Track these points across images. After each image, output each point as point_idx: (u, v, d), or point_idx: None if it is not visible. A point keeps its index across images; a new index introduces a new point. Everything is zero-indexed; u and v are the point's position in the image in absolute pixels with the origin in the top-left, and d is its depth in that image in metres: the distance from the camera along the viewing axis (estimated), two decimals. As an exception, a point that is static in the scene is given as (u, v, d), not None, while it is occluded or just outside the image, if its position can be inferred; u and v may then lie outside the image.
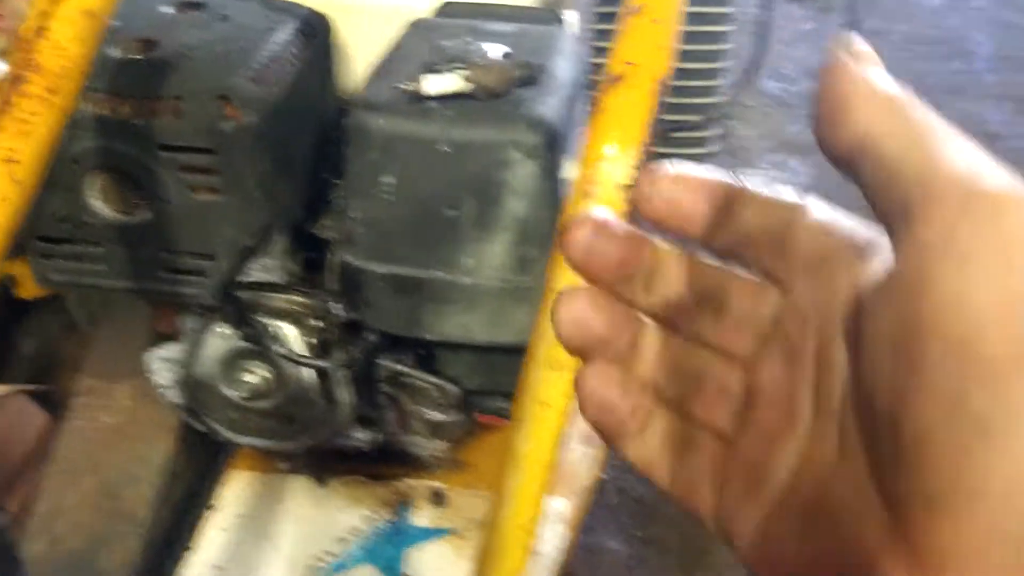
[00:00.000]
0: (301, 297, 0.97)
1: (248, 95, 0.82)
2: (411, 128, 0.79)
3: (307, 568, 1.23)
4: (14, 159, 0.61)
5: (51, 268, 0.89)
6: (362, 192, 0.83)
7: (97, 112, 0.81)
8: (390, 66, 0.88)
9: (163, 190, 0.83)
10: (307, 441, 1.05)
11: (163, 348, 1.06)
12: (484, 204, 0.81)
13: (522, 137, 0.78)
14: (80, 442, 1.21)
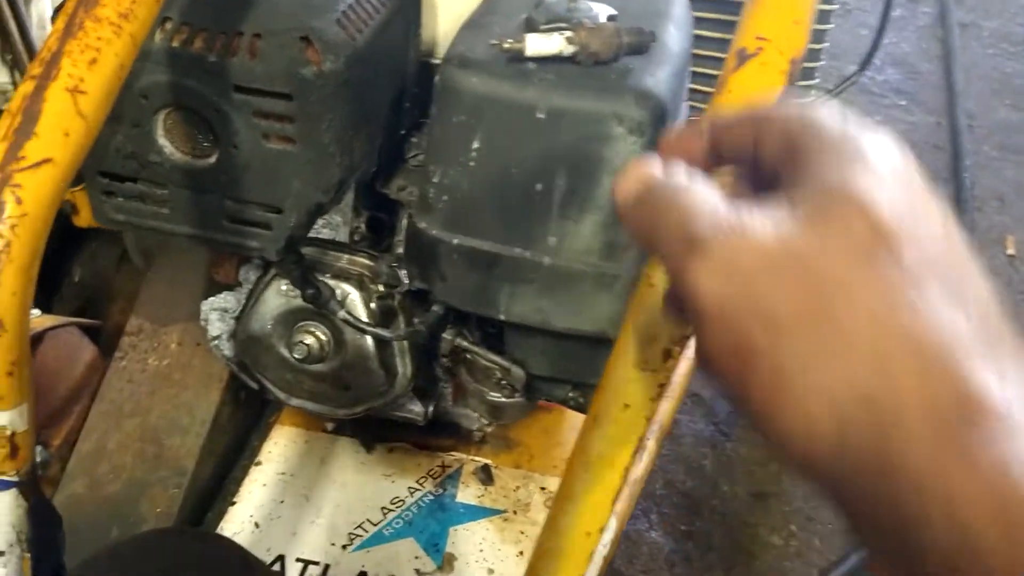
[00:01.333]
0: (367, 259, 0.92)
1: (332, 39, 0.76)
2: (506, 90, 0.73)
3: (347, 535, 1.19)
4: (80, 89, 0.56)
5: (111, 207, 0.84)
6: (445, 156, 0.77)
7: (170, 44, 0.75)
8: (486, 20, 0.81)
9: (234, 135, 0.77)
10: (359, 409, 1.00)
11: (219, 298, 1.01)
12: (577, 180, 0.74)
13: (627, 110, 0.71)
14: (126, 384, 1.17)
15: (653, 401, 0.69)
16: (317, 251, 0.91)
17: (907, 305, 0.26)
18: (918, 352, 0.26)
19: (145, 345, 1.18)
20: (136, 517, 1.09)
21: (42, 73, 0.55)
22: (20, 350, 0.54)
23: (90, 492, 1.10)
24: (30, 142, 0.54)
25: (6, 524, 0.58)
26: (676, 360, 0.68)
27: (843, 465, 0.26)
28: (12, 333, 0.53)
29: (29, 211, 0.53)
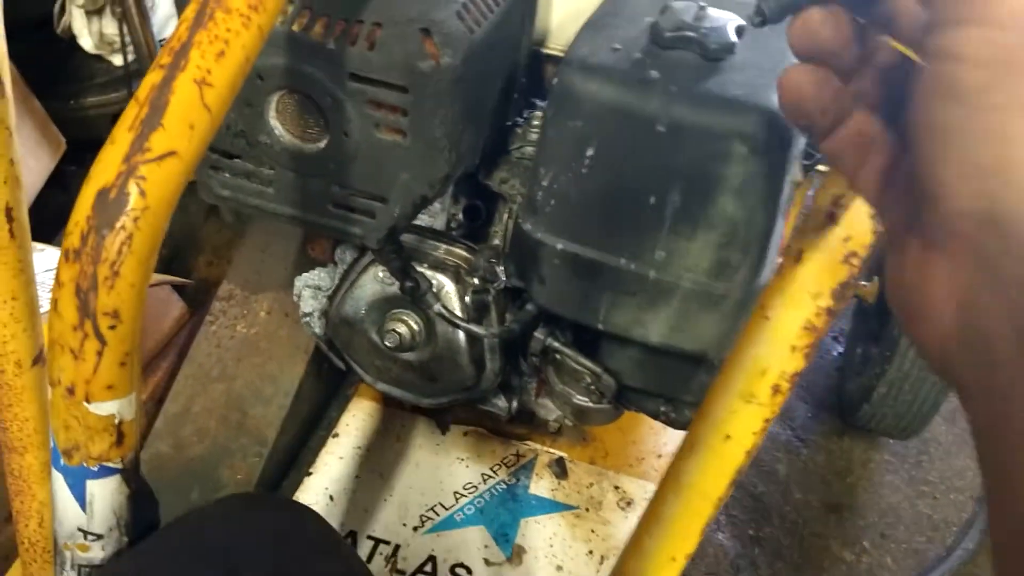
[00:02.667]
0: (465, 252, 0.91)
1: (451, 32, 0.74)
2: (628, 100, 0.70)
3: (418, 516, 1.19)
4: (207, 82, 0.55)
5: (217, 182, 0.84)
6: (557, 160, 0.75)
7: (290, 28, 0.74)
8: (608, 21, 0.78)
9: (346, 122, 0.76)
10: (445, 400, 0.99)
11: (312, 274, 1.02)
12: (692, 195, 0.71)
13: (751, 129, 0.68)
14: (215, 348, 1.19)
15: (756, 435, 0.67)
16: (415, 239, 0.90)
17: None
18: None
19: (235, 311, 1.20)
20: (216, 482, 1.11)
21: (171, 63, 0.55)
22: (134, 341, 0.54)
23: (175, 453, 1.12)
24: (156, 133, 0.53)
25: (107, 509, 0.58)
26: (784, 395, 0.66)
27: None
28: (128, 325, 0.53)
29: (151, 204, 0.53)
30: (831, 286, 0.60)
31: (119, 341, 0.53)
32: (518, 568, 1.16)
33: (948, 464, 1.77)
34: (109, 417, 0.55)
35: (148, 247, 0.53)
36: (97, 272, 0.52)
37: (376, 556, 1.15)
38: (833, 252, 0.59)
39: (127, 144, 0.53)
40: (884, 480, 1.76)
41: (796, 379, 0.66)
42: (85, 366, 0.53)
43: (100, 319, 0.52)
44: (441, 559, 1.15)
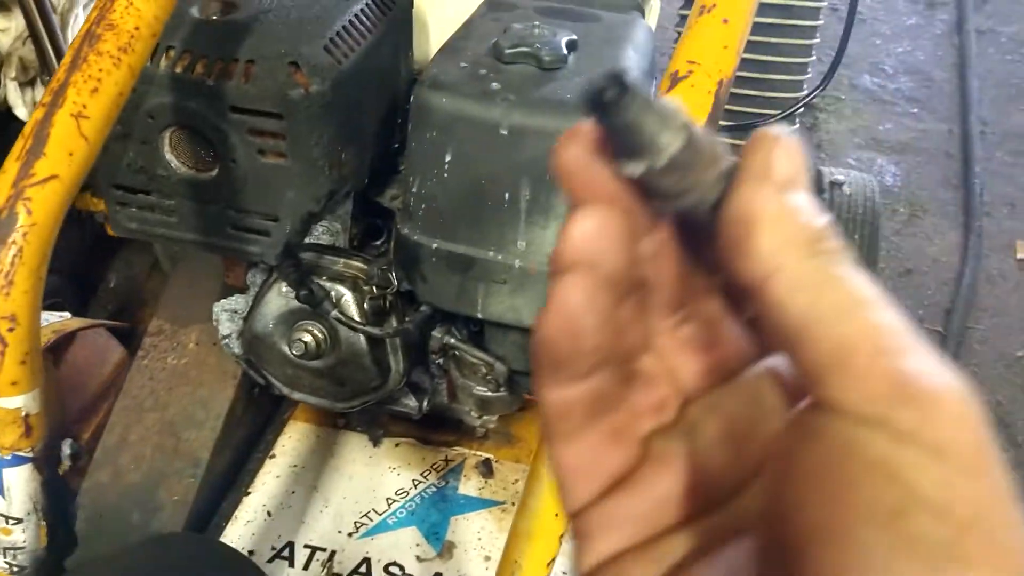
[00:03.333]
0: (360, 263, 0.99)
1: (318, 63, 0.84)
2: (473, 109, 0.80)
3: (352, 523, 1.26)
4: (83, 115, 0.64)
5: (125, 216, 0.93)
6: (421, 168, 0.85)
7: (173, 70, 0.83)
8: (460, 44, 0.88)
9: (232, 150, 0.86)
10: (356, 403, 1.07)
11: (229, 300, 1.10)
12: (540, 189, 0.81)
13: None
14: (147, 381, 1.26)
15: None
16: (315, 255, 0.99)
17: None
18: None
19: (165, 345, 1.27)
20: (154, 504, 1.18)
21: (51, 101, 0.64)
22: (32, 342, 0.62)
23: (113, 481, 1.18)
24: (39, 161, 0.62)
25: (23, 495, 0.66)
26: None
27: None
28: (24, 327, 0.62)
29: (38, 220, 0.61)
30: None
31: (18, 342, 0.61)
32: (448, 562, 1.23)
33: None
34: (16, 411, 0.63)
35: (38, 258, 0.62)
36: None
37: (313, 563, 1.22)
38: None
39: (15, 171, 0.62)
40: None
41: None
42: (-9, 365, 0.61)
43: (0, 323, 0.60)
44: (375, 560, 1.22)
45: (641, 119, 0.25)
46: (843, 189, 1.57)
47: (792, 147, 0.26)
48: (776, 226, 0.24)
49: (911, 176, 2.39)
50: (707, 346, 0.29)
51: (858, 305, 0.23)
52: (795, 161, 0.25)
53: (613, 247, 0.26)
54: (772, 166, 0.25)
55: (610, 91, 0.25)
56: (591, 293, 0.26)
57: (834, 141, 2.49)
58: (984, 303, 2.05)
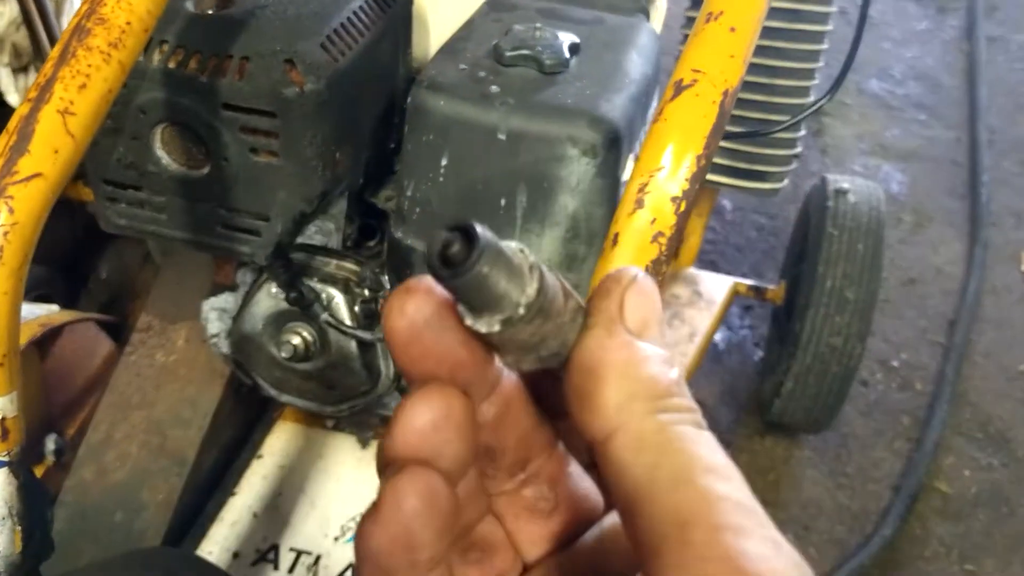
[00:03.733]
0: (352, 264, 0.97)
1: (313, 61, 0.81)
2: (470, 113, 0.78)
3: (339, 527, 1.25)
4: (70, 111, 0.62)
5: (114, 212, 0.91)
6: (416, 170, 0.83)
7: (166, 65, 0.81)
8: (459, 46, 0.86)
9: (224, 148, 0.83)
10: (345, 407, 1.06)
11: (218, 298, 1.08)
12: (536, 196, 0.79)
13: (581, 133, 0.76)
14: (134, 377, 1.24)
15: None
16: (306, 256, 0.97)
17: None
18: None
19: (154, 341, 1.25)
20: (138, 503, 1.16)
21: (37, 96, 0.62)
22: (10, 344, 0.60)
23: (97, 479, 1.17)
24: (23, 158, 0.60)
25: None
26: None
27: None
28: (3, 328, 0.60)
29: (20, 220, 0.59)
30: (644, 263, 0.68)
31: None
32: (436, 569, 1.22)
33: (865, 456, 1.85)
34: (-9, 414, 0.61)
35: (18, 258, 0.60)
36: (-29, 282, 0.58)
37: (298, 566, 1.20)
38: (643, 234, 0.67)
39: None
40: (805, 475, 1.84)
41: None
42: (-35, 368, 0.59)
43: (-24, 324, 0.58)
44: (362, 565, 1.21)
45: (493, 271, 0.23)
46: (848, 197, 1.55)
47: (645, 290, 0.24)
48: (622, 379, 0.23)
49: (917, 184, 2.37)
50: (549, 510, 0.27)
51: (700, 472, 0.21)
52: (648, 306, 0.24)
53: (455, 437, 0.23)
54: (623, 311, 0.24)
55: (456, 246, 0.23)
56: (430, 496, 0.23)
57: (840, 147, 2.47)
58: (988, 315, 2.04)
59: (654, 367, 0.23)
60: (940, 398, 1.87)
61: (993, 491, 1.79)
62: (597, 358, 0.23)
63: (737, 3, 0.69)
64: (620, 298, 0.24)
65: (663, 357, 0.24)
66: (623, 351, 0.23)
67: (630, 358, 0.23)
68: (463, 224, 0.23)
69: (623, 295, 0.24)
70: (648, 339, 0.24)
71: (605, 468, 0.23)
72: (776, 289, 1.77)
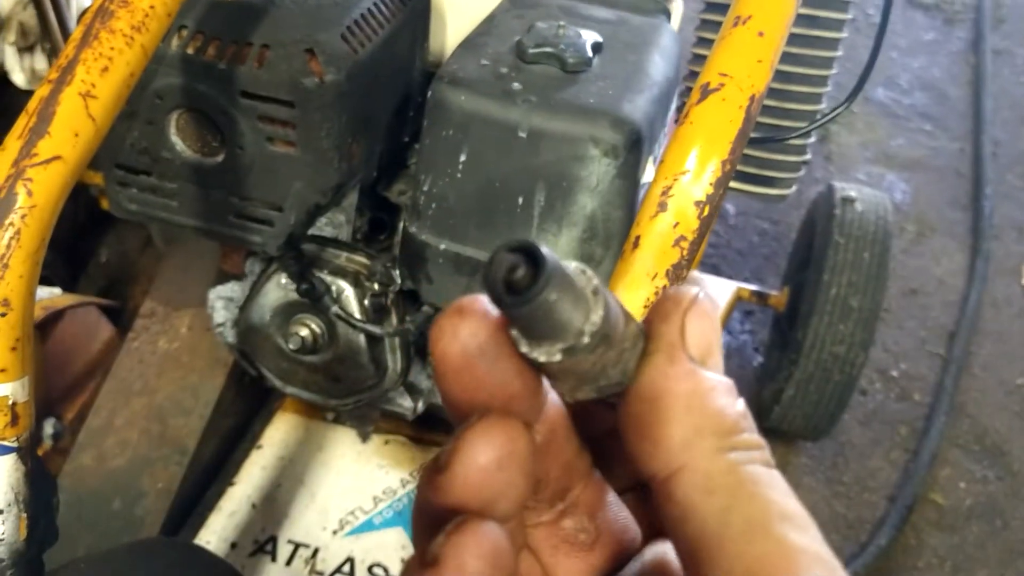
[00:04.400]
0: (363, 258, 0.97)
1: (334, 52, 0.81)
2: (492, 109, 0.77)
3: (338, 520, 1.24)
4: (92, 94, 0.61)
5: (126, 197, 0.90)
6: (434, 165, 0.82)
7: (184, 50, 0.81)
8: (481, 40, 0.85)
9: (240, 136, 0.83)
10: (350, 401, 1.05)
11: (224, 287, 1.07)
12: (555, 195, 0.79)
13: (603, 134, 0.75)
14: (137, 364, 1.23)
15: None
16: (317, 248, 0.96)
17: None
18: None
19: (157, 328, 1.24)
20: (137, 491, 1.15)
21: (58, 78, 0.61)
22: (24, 328, 0.60)
23: (96, 465, 1.16)
24: (43, 140, 0.59)
25: (5, 486, 0.63)
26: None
27: None
28: (17, 312, 0.59)
29: (38, 203, 0.58)
30: (666, 267, 0.67)
31: (10, 327, 0.58)
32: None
33: (862, 465, 1.85)
34: (3, 399, 0.60)
35: (35, 242, 0.59)
36: (-13, 264, 0.57)
37: (296, 559, 1.20)
38: (665, 237, 0.66)
39: (16, 150, 0.59)
40: (802, 482, 1.83)
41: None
42: (-22, 351, 0.58)
43: (-9, 307, 0.58)
44: (359, 560, 1.20)
45: (561, 298, 0.21)
46: (855, 206, 1.55)
47: (706, 312, 0.23)
48: (688, 412, 0.21)
49: (920, 194, 2.37)
50: (590, 543, 0.26)
51: (776, 520, 0.20)
52: (709, 330, 0.23)
53: (519, 478, 0.22)
54: (684, 336, 0.22)
55: (521, 271, 0.21)
56: (494, 558, 0.21)
57: (845, 154, 2.47)
58: (987, 328, 2.04)
59: (721, 399, 0.22)
60: (938, 409, 1.87)
61: (988, 504, 1.79)
62: (660, 388, 0.22)
63: (766, 7, 0.69)
64: (681, 321, 0.23)
65: (728, 387, 0.22)
66: (687, 381, 0.22)
67: (695, 388, 0.22)
68: (527, 245, 0.21)
69: (684, 318, 0.23)
70: (711, 367, 0.22)
71: (666, 507, 0.22)
72: (779, 295, 1.77)
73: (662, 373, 0.22)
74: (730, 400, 0.22)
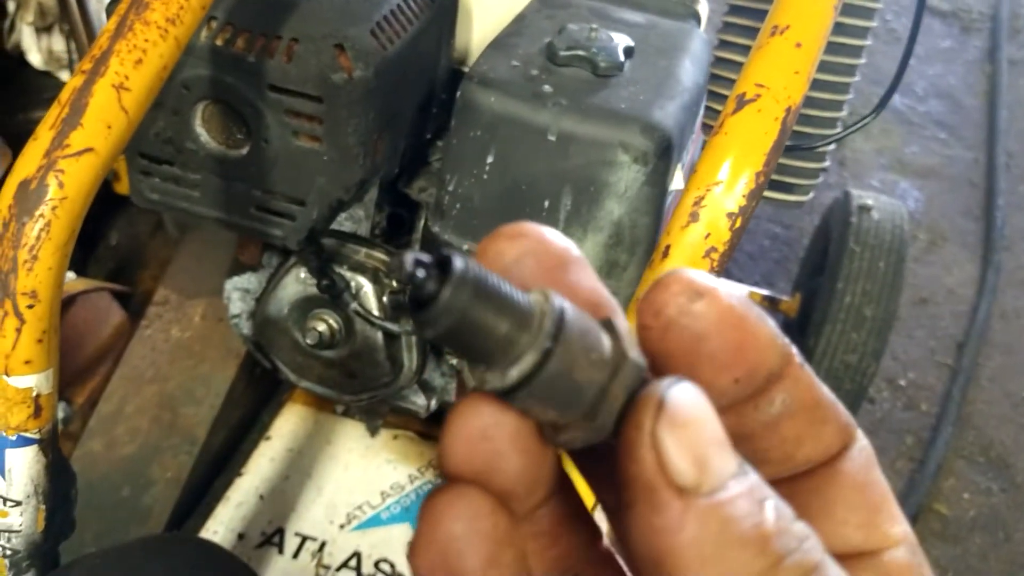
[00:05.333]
0: (382, 254, 0.96)
1: (363, 47, 0.80)
2: (521, 111, 0.77)
3: (345, 514, 1.24)
4: (125, 87, 0.61)
5: (148, 186, 0.89)
6: (460, 166, 0.81)
7: (213, 42, 0.80)
8: (511, 41, 0.85)
9: (266, 130, 0.82)
10: (364, 397, 1.04)
11: (241, 278, 1.07)
12: (582, 200, 0.78)
13: (633, 140, 0.75)
14: (149, 351, 1.23)
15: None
16: (337, 243, 0.96)
17: None
18: None
19: (170, 316, 1.24)
20: (146, 479, 1.15)
21: (91, 69, 0.60)
22: (51, 320, 0.59)
23: (106, 452, 1.16)
24: (75, 132, 0.59)
25: (25, 477, 0.63)
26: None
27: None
28: (45, 304, 0.58)
29: (69, 195, 0.58)
30: (695, 279, 0.67)
31: (37, 319, 0.58)
32: (441, 563, 1.21)
33: (867, 473, 1.84)
34: (27, 390, 0.60)
35: (65, 234, 0.58)
36: (17, 256, 0.57)
37: (303, 552, 1.19)
38: (695, 248, 0.66)
39: (48, 140, 0.58)
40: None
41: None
42: (5, 342, 0.58)
43: (19, 299, 0.57)
44: (366, 555, 1.20)
45: (473, 304, 0.19)
46: (871, 214, 1.54)
47: (682, 417, 0.18)
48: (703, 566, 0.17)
49: (933, 203, 2.36)
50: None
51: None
52: (695, 436, 0.18)
53: None
54: (664, 465, 0.18)
55: (430, 281, 0.19)
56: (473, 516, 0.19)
57: (859, 160, 2.46)
58: (996, 339, 2.03)
59: (743, 526, 0.17)
60: (945, 420, 1.87)
61: (991, 515, 1.79)
62: (655, 551, 0.17)
63: (805, 17, 0.68)
64: (652, 449, 0.18)
65: (750, 498, 0.18)
66: (687, 528, 0.17)
67: (700, 534, 0.17)
68: (437, 255, 0.19)
69: (653, 440, 0.18)
70: (713, 482, 0.18)
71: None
72: (790, 301, 1.76)
73: (650, 531, 0.18)
74: (755, 516, 0.18)
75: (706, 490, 0.18)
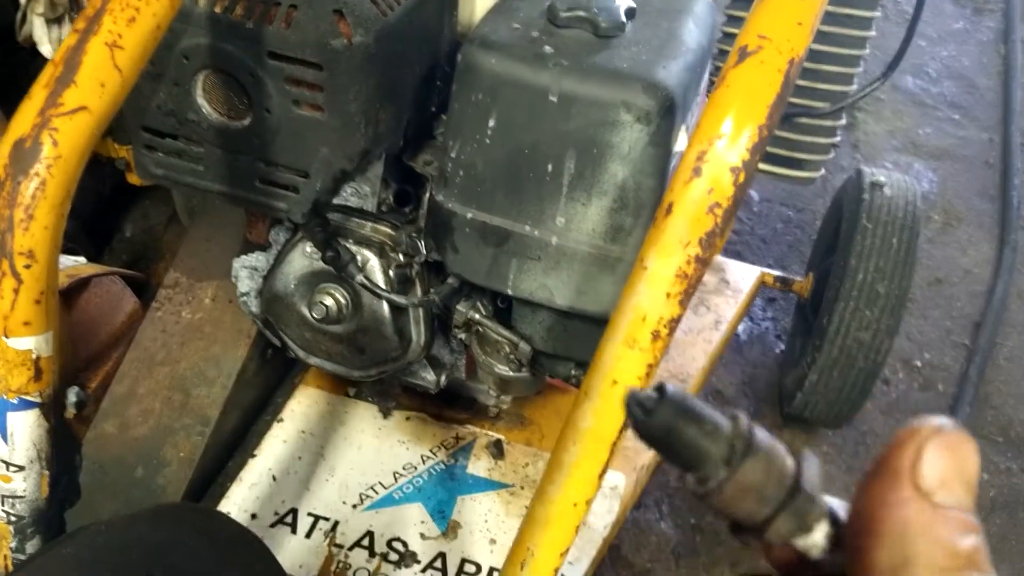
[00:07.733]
0: (389, 228, 0.96)
1: (363, 13, 0.80)
2: (522, 73, 0.76)
3: (358, 495, 1.23)
4: (118, 45, 0.60)
5: (152, 161, 0.89)
6: (463, 132, 0.81)
7: (212, 9, 0.80)
8: (514, 5, 0.84)
9: (267, 99, 0.82)
10: (373, 372, 1.04)
11: (249, 256, 1.06)
12: (585, 163, 0.77)
13: (636, 99, 0.74)
14: (160, 333, 1.23)
15: (641, 380, 0.72)
16: (342, 217, 0.95)
17: None
18: None
19: (180, 298, 1.24)
20: (159, 460, 1.15)
21: (85, 28, 0.60)
22: (48, 281, 0.59)
23: (119, 433, 1.16)
24: (68, 90, 0.58)
25: (28, 442, 0.63)
26: (664, 341, 0.71)
27: None
28: (42, 264, 0.58)
29: (63, 153, 0.58)
30: (699, 235, 0.66)
31: (34, 279, 0.58)
32: (453, 542, 1.20)
33: (884, 454, 1.83)
34: (26, 352, 0.59)
35: (61, 193, 0.58)
36: (13, 215, 0.57)
37: (315, 531, 1.19)
38: (699, 204, 0.65)
39: (42, 99, 0.58)
40: (823, 470, 1.81)
41: (674, 325, 0.71)
42: (3, 303, 0.58)
43: (16, 259, 0.57)
44: (378, 534, 1.20)
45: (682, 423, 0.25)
46: (884, 191, 1.52)
47: (950, 444, 0.22)
48: (900, 540, 0.21)
49: (948, 183, 2.34)
50: None
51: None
52: (952, 463, 0.22)
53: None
54: (918, 465, 0.22)
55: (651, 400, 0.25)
56: None
57: (872, 142, 2.44)
58: (1014, 319, 2.01)
59: (943, 531, 0.21)
60: (962, 400, 1.85)
61: (1011, 496, 1.76)
62: (873, 512, 0.22)
63: (807, -31, 0.67)
64: (914, 450, 0.22)
65: (961, 522, 0.21)
66: (904, 509, 0.22)
67: (912, 518, 0.21)
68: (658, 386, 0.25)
69: (920, 447, 0.22)
70: (948, 500, 0.22)
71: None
72: (803, 282, 1.74)
73: (878, 497, 0.22)
74: (956, 535, 0.21)
75: (936, 500, 0.21)
